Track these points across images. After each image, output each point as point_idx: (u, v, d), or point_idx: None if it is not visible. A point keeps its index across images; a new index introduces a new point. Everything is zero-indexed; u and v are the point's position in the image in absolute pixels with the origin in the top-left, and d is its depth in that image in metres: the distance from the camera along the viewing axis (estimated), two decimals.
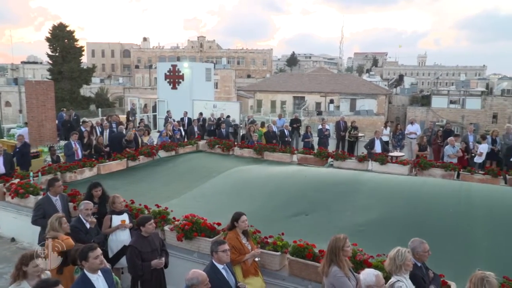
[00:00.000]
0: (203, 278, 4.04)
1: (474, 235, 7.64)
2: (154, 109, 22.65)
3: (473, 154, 12.97)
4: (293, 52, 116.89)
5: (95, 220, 6.13)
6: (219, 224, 6.77)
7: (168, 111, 19.00)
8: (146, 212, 7.33)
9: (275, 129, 16.02)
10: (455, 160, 12.32)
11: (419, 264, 4.71)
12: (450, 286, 5.29)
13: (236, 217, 5.51)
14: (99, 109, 29.41)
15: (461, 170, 11.49)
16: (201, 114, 18.98)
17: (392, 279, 4.33)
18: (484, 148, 12.78)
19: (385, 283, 4.30)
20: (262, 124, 17.06)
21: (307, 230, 7.57)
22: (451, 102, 48.34)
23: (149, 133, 15.36)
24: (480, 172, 11.47)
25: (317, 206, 8.83)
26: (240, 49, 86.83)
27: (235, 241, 5.28)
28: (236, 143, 15.23)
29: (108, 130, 14.83)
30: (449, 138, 12.84)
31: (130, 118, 19.27)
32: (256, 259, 5.37)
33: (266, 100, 49.98)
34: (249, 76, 76.90)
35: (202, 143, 15.10)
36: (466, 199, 9.24)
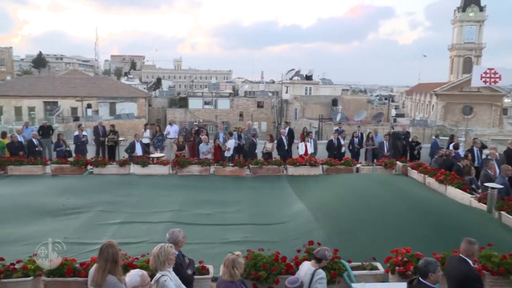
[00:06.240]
0: None
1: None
2: None
3: (223, 150, 14.54)
4: (41, 52, 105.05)
5: None
6: None
7: None
8: None
9: (21, 139, 14.05)
10: (210, 156, 13.59)
11: (176, 253, 5.00)
12: (208, 269, 5.83)
13: None
14: None
15: (215, 164, 12.81)
16: None
17: (157, 275, 4.46)
18: (231, 143, 14.53)
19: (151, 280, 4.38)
20: (4, 134, 14.60)
21: None
22: (206, 103, 52.88)
23: None
24: (230, 164, 13.02)
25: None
26: None
27: None
28: None
29: None
30: (202, 137, 14.04)
31: None
32: None
33: (9, 107, 43.17)
34: None
35: None
36: None
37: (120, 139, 16.17)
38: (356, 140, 15.48)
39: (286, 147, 14.77)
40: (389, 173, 12.72)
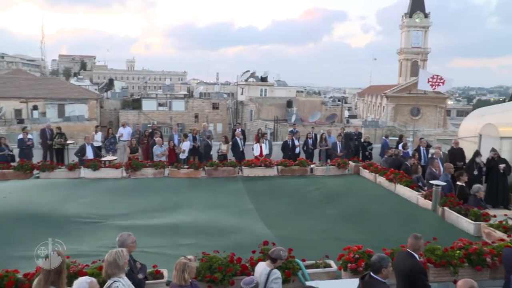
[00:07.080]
0: None
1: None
2: None
3: (177, 152, 14.33)
4: None
5: None
6: None
7: None
8: None
9: None
10: (164, 158, 13.36)
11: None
12: (163, 273, 5.73)
13: None
14: None
15: (170, 166, 12.60)
16: None
17: (109, 282, 4.29)
18: (186, 145, 14.36)
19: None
20: None
21: None
22: (160, 104, 51.84)
23: None
24: (185, 166, 12.85)
25: None
26: None
27: None
28: None
29: None
30: (156, 139, 13.79)
31: None
32: None
33: None
34: None
35: None
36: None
37: (68, 142, 15.56)
38: (310, 141, 15.77)
39: (241, 149, 14.81)
40: (342, 173, 13.06)
